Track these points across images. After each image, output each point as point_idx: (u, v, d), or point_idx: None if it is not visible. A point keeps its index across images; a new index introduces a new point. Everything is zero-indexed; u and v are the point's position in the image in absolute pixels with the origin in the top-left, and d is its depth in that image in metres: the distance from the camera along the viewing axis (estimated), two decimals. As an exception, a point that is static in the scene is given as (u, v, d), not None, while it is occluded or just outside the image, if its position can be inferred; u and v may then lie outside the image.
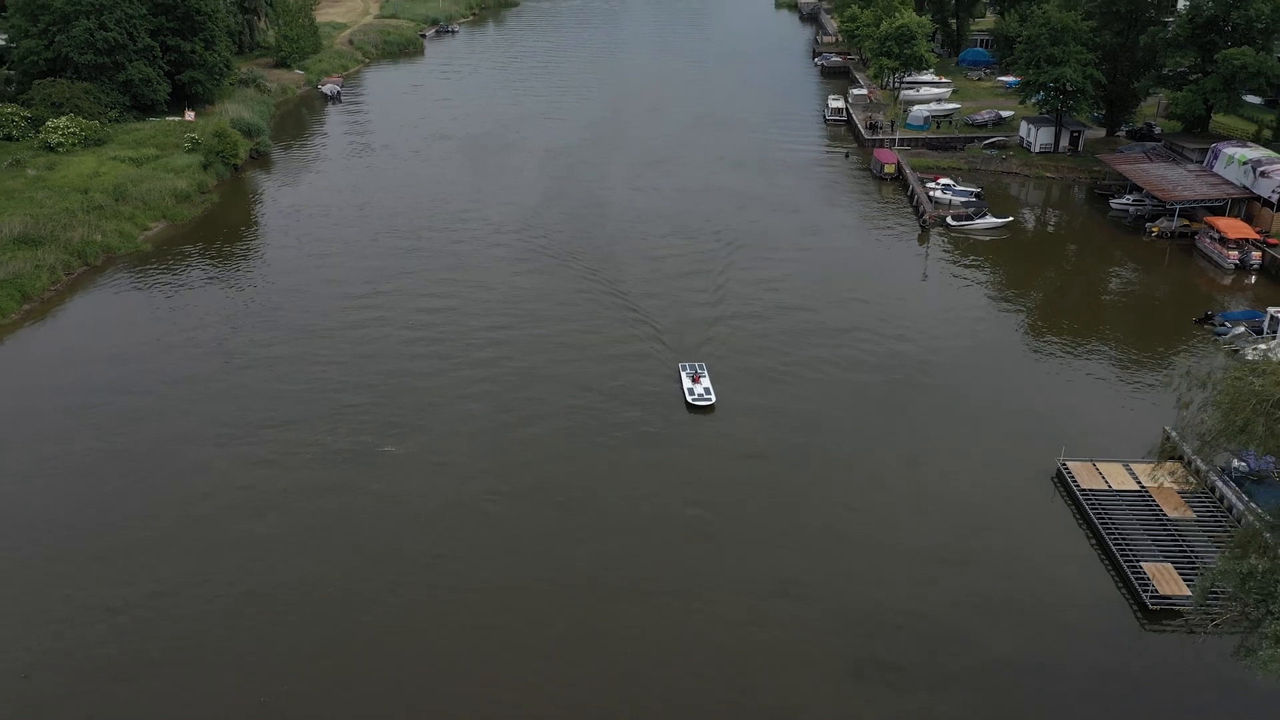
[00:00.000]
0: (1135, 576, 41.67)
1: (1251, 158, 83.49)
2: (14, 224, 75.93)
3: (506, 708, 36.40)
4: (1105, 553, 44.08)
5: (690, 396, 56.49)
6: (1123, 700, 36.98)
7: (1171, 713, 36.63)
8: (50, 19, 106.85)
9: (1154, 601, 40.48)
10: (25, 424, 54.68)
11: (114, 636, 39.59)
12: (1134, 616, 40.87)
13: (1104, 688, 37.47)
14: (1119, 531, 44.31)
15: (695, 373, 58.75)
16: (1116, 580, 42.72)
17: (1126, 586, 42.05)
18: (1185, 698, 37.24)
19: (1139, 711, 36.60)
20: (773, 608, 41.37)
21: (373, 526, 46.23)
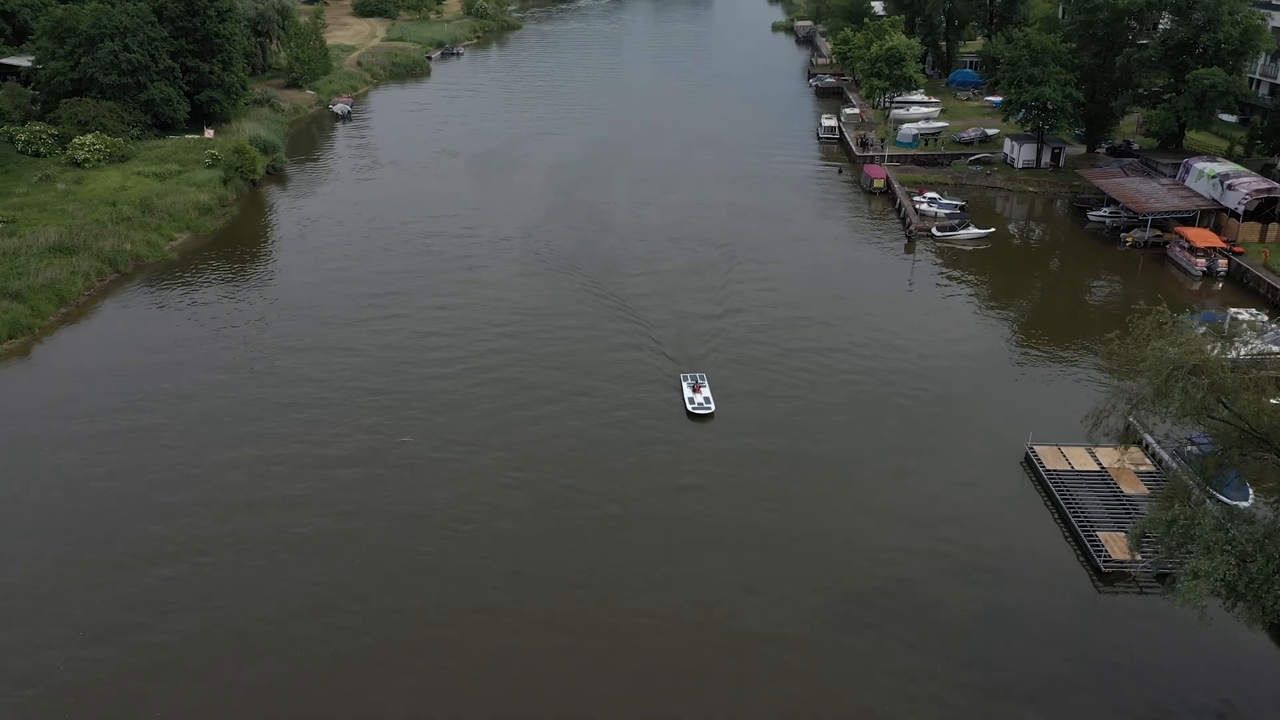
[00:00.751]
0: (1091, 544, 45.82)
1: (1220, 172, 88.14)
2: (49, 234, 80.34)
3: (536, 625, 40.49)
4: (1066, 525, 48.26)
5: (690, 405, 59.35)
6: (1077, 648, 41.01)
7: (1121, 659, 40.59)
8: (76, 41, 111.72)
9: (1107, 565, 44.62)
10: (68, 410, 58.85)
11: (172, 586, 43.67)
12: (1090, 579, 45.00)
13: (1060, 638, 41.54)
14: (1079, 506, 48.48)
15: (696, 383, 61.42)
16: (1075, 549, 46.86)
17: (1084, 553, 46.20)
18: (1133, 646, 41.26)
19: (1092, 658, 40.60)
20: (763, 570, 45.40)
21: (398, 502, 50.39)
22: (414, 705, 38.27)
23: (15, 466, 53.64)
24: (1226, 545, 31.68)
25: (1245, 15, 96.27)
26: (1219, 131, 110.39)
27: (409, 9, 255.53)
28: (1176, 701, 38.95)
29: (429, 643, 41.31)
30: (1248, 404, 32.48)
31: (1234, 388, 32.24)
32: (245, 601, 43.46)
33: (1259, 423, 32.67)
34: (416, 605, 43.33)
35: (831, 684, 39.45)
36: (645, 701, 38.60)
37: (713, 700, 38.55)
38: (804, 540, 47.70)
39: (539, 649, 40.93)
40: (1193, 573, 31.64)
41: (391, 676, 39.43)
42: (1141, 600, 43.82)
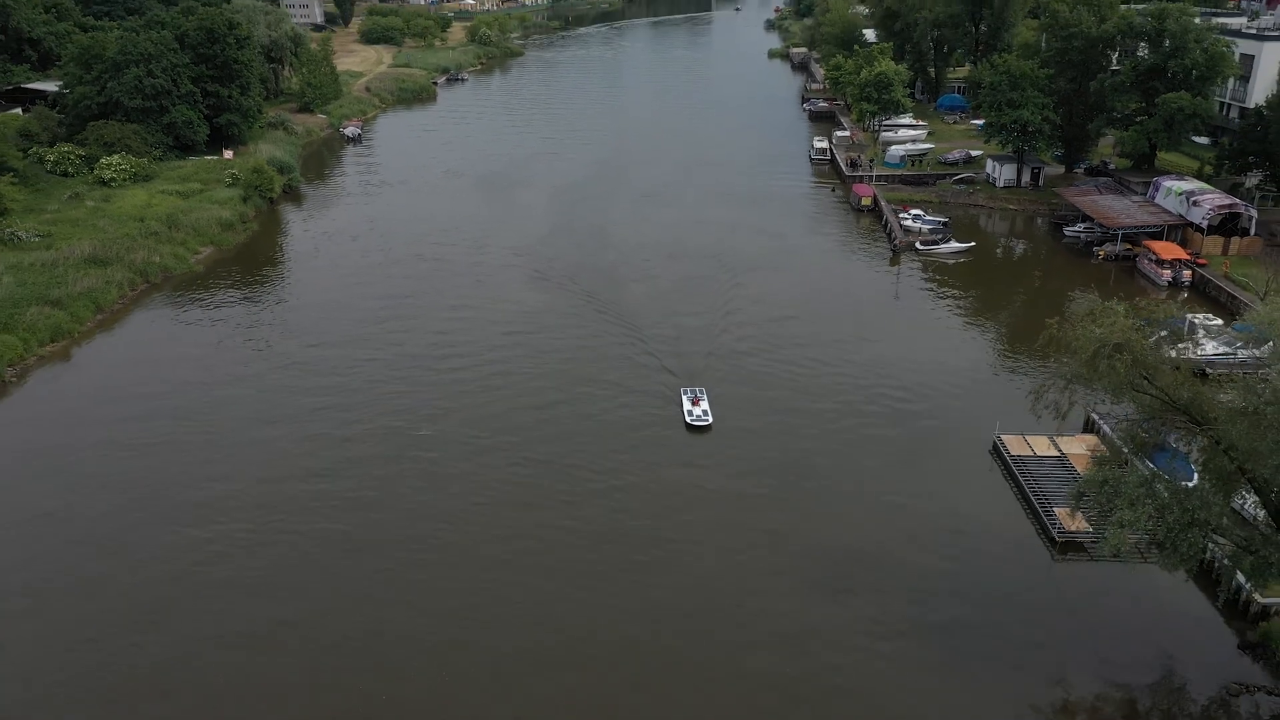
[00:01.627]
0: (1047, 518, 50.50)
1: (1186, 189, 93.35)
2: (84, 247, 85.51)
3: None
4: (1026, 503, 52.97)
5: (689, 418, 61.83)
6: (1033, 609, 45.60)
7: (1072, 619, 45.07)
8: (103, 68, 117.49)
9: (1060, 535, 49.31)
10: (109, 408, 63.68)
11: (230, 552, 48.37)
12: (1045, 548, 49.68)
13: (1019, 600, 46.12)
14: (1038, 486, 53.17)
15: (695, 396, 63.95)
16: (1034, 524, 51.54)
17: (1041, 527, 50.87)
18: (1084, 607, 45.79)
19: (1047, 618, 45.13)
20: (754, 544, 50.04)
21: (422, 480, 55.13)
22: (435, 628, 42.86)
23: (70, 445, 58.38)
24: (1148, 499, 36.44)
25: (1211, 43, 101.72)
26: (1191, 152, 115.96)
27: (414, 36, 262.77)
28: (1123, 655, 43.30)
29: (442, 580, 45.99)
30: (1168, 379, 37.28)
31: (1155, 364, 37.07)
32: (281, 555, 48.13)
33: (1178, 395, 37.43)
34: (435, 559, 48.06)
35: (809, 641, 43.93)
36: (655, 632, 43.18)
37: (714, 641, 43.10)
38: (789, 515, 52.31)
39: (552, 593, 45.50)
40: (1119, 522, 36.41)
41: (404, 596, 44.11)
42: (1092, 567, 48.44)
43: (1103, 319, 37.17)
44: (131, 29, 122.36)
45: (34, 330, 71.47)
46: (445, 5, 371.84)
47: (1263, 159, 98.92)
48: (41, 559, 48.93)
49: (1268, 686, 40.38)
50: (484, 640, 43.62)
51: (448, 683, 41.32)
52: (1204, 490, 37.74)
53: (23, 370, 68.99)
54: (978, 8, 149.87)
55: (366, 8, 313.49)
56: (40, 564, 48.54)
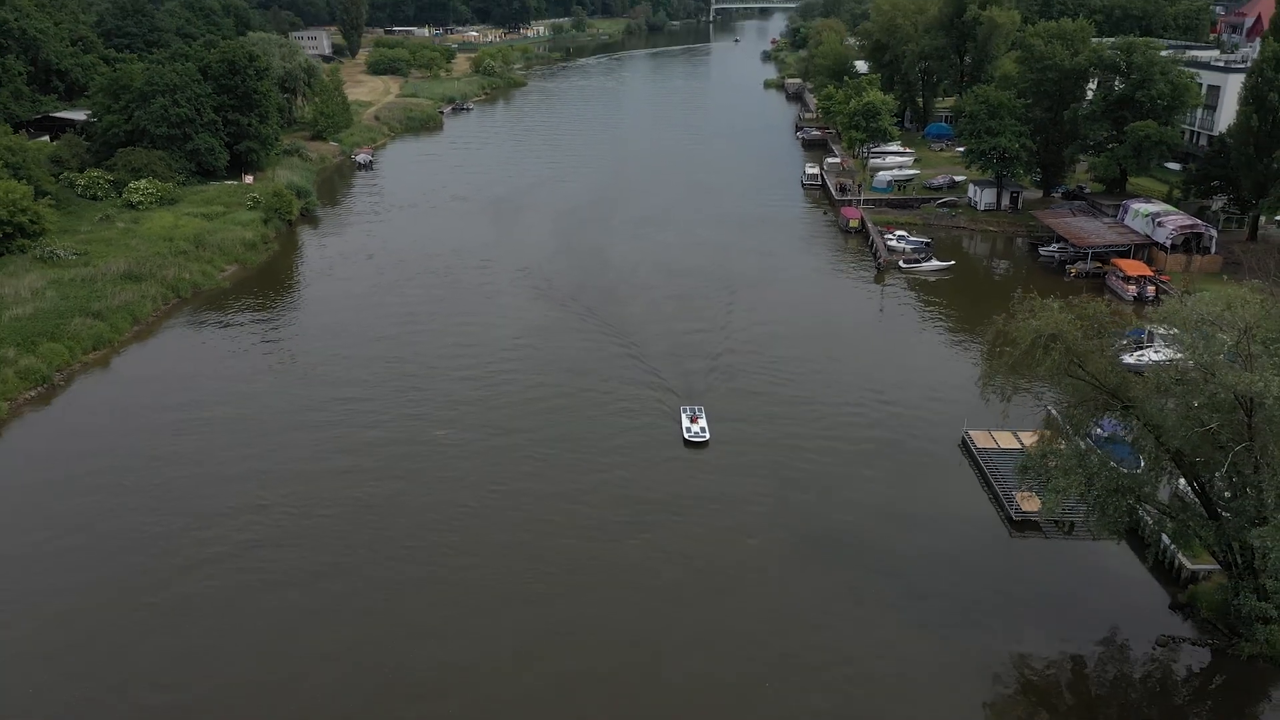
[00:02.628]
0: (1006, 502, 56.00)
1: (1152, 211, 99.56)
2: (119, 264, 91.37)
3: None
4: (989, 490, 58.48)
5: (688, 434, 64.78)
6: (992, 580, 50.97)
7: (1027, 589, 50.41)
8: (130, 97, 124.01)
9: (1017, 515, 54.80)
10: (148, 406, 69.27)
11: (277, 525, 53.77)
12: (1005, 527, 55.17)
13: (979, 571, 51.51)
14: (999, 475, 58.68)
15: (694, 414, 66.78)
16: (996, 507, 57.04)
17: (1001, 509, 56.37)
18: (1037, 579, 51.17)
19: (1004, 588, 50.48)
20: (746, 521, 55.48)
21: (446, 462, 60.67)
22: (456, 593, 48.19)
23: (118, 444, 63.92)
24: (1079, 469, 41.98)
25: (1176, 75, 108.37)
26: (1162, 177, 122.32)
27: (420, 67, 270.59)
28: (1071, 617, 48.49)
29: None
30: (1098, 365, 42.88)
31: (1086, 351, 42.67)
32: (313, 535, 53.54)
33: (1108, 380, 43.03)
34: (455, 541, 53.47)
35: (793, 605, 49.27)
36: (648, 595, 48.52)
37: (705, 608, 48.43)
38: (777, 500, 57.79)
39: (560, 559, 50.87)
40: (1054, 489, 41.97)
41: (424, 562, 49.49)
42: (1045, 543, 53.89)
43: (1040, 313, 42.85)
44: (157, 61, 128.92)
45: (78, 339, 77.10)
46: (449, 37, 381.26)
47: (1226, 183, 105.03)
48: (101, 522, 54.27)
49: (1192, 639, 45.73)
50: (494, 582, 49.07)
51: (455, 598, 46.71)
52: (1130, 461, 43.16)
53: (69, 375, 74.64)
54: (962, 41, 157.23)
55: (373, 39, 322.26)
56: (100, 526, 53.87)
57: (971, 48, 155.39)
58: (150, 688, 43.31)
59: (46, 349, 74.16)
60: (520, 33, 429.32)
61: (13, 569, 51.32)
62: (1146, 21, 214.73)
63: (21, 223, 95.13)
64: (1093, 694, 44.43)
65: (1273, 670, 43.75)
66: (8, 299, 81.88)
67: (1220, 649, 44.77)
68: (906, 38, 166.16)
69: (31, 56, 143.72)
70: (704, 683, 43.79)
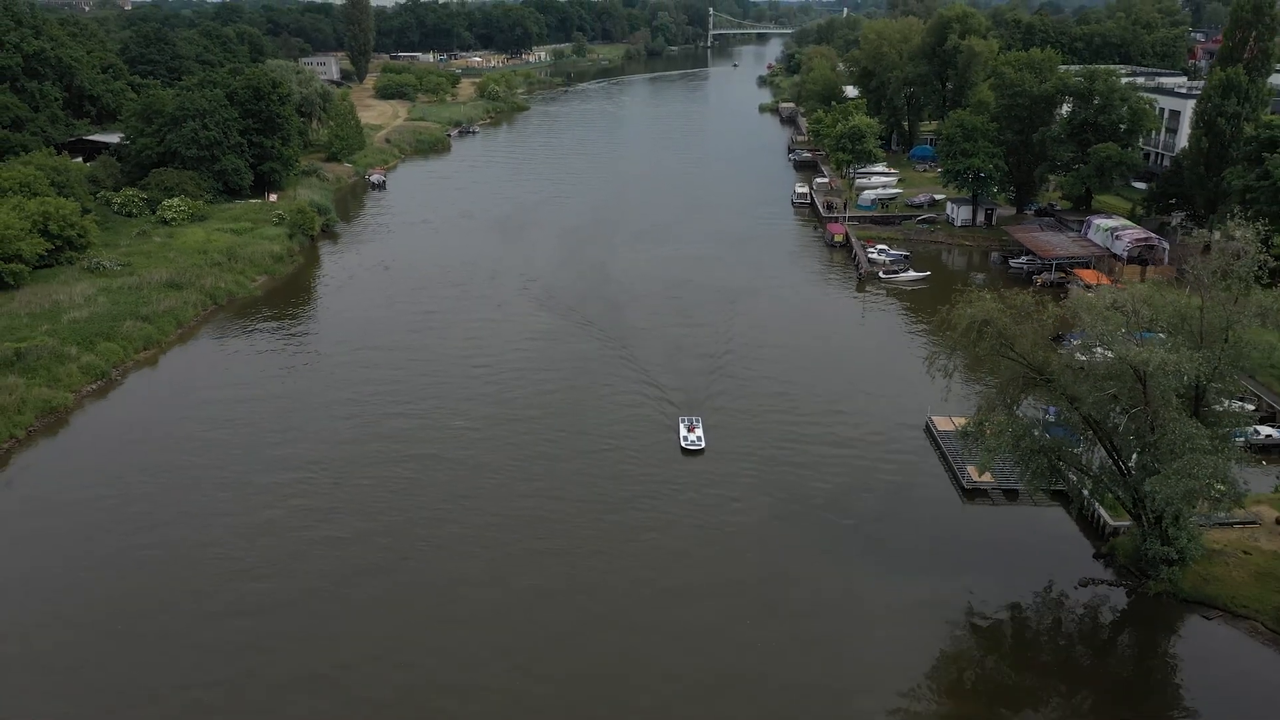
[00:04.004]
0: (960, 473, 63.93)
1: (1111, 226, 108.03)
2: (162, 274, 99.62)
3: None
4: (947, 466, 66.39)
5: (684, 443, 68.96)
6: (946, 535, 58.76)
7: (976, 549, 58.15)
8: (162, 121, 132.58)
9: (969, 484, 62.72)
10: (194, 396, 77.24)
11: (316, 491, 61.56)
12: (957, 495, 63.07)
13: (934, 532, 59.27)
14: (955, 451, 66.54)
15: (691, 424, 71.29)
16: (950, 479, 64.95)
17: (955, 480, 64.27)
18: (985, 540, 59.00)
19: (956, 547, 58.23)
20: (729, 490, 63.31)
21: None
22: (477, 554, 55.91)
23: (173, 429, 71.83)
24: (1009, 431, 49.94)
25: (1135, 100, 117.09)
26: (1128, 195, 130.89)
27: (427, 92, 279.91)
28: (1014, 571, 56.06)
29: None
30: (1025, 345, 50.81)
31: (1014, 334, 50.61)
32: (356, 495, 61.37)
33: (1035, 359, 50.99)
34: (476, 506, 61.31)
35: (776, 554, 57.02)
36: (646, 546, 56.27)
37: (696, 559, 56.18)
38: (759, 474, 65.67)
39: (567, 526, 58.63)
40: (987, 448, 49.94)
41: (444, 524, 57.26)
42: (992, 509, 61.72)
43: (975, 302, 50.90)
44: (187, 88, 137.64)
45: (130, 340, 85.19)
46: (453, 63, 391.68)
47: (1182, 200, 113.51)
48: (164, 493, 62.08)
49: (1109, 580, 53.52)
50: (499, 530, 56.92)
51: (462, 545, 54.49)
52: (1071, 440, 51.10)
53: (124, 371, 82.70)
54: (943, 68, 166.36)
55: (380, 65, 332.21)
56: (164, 495, 61.68)
57: (952, 74, 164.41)
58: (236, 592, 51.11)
59: (104, 348, 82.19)
60: (522, 58, 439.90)
61: (101, 520, 59.14)
62: (1125, 49, 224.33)
63: (70, 236, 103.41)
64: (1030, 629, 52.12)
65: (1175, 604, 51.56)
66: (64, 305, 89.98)
67: (1133, 589, 52.57)
68: (892, 65, 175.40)
69: (66, 83, 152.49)
70: (693, 624, 51.49)
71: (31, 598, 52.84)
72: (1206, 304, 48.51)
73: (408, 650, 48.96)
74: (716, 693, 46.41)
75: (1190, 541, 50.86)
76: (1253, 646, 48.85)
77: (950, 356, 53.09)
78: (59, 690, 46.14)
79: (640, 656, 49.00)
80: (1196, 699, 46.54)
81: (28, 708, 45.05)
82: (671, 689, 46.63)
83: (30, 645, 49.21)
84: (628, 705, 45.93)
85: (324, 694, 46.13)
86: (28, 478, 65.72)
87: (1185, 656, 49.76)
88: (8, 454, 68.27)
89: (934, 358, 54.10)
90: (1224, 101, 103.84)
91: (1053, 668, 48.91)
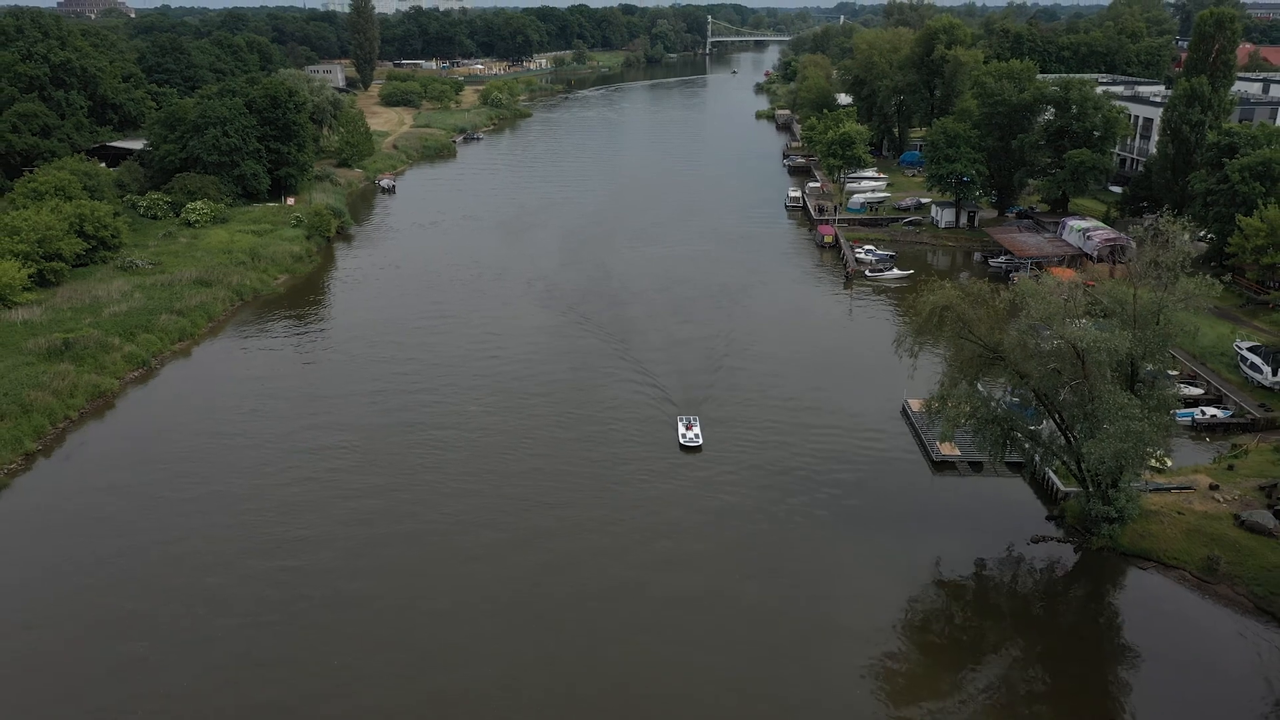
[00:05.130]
0: (931, 448, 70.48)
1: (1083, 227, 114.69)
2: (191, 272, 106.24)
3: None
4: (919, 443, 72.92)
5: (683, 440, 73.09)
6: (916, 505, 65.22)
7: (943, 514, 64.59)
8: (185, 129, 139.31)
9: (937, 458, 69.28)
10: (228, 382, 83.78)
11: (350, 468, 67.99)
12: (927, 467, 69.63)
13: (905, 498, 65.77)
14: (926, 429, 73.08)
15: (689, 422, 75.30)
16: (922, 454, 71.49)
17: (926, 455, 70.83)
18: (951, 506, 65.46)
19: (925, 508, 64.72)
20: (722, 465, 69.81)
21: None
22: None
23: (215, 405, 78.35)
24: (966, 402, 56.50)
25: (1108, 109, 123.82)
26: (1104, 198, 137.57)
27: (431, 99, 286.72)
28: (976, 533, 62.49)
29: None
30: (981, 329, 57.31)
31: (972, 319, 57.14)
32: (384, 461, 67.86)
33: (992, 341, 57.51)
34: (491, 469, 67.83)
35: (759, 521, 63.48)
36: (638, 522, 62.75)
37: (689, 528, 62.63)
38: (751, 455, 72.18)
39: (569, 502, 65.10)
40: (948, 418, 56.52)
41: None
42: (959, 479, 68.22)
43: (936, 290, 57.48)
44: (207, 96, 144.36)
45: (167, 332, 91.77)
46: (456, 70, 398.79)
47: (1152, 203, 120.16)
48: (207, 459, 68.59)
49: (1058, 537, 60.10)
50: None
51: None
52: (1033, 419, 57.70)
53: (162, 360, 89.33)
54: (931, 77, 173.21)
55: (384, 72, 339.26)
56: (208, 461, 68.19)
57: (939, 83, 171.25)
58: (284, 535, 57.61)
59: (143, 339, 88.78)
60: (523, 65, 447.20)
61: (159, 476, 65.68)
62: (1111, 58, 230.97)
63: (104, 237, 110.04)
64: (991, 582, 58.42)
65: (1115, 557, 58.09)
66: (103, 300, 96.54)
67: (1079, 545, 59.12)
68: (882, 74, 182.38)
69: (90, 92, 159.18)
70: (689, 579, 58.02)
71: (144, 520, 59.38)
72: (1139, 290, 55.10)
73: (431, 579, 55.48)
74: (704, 607, 52.94)
75: (1129, 502, 57.42)
76: (1181, 592, 55.36)
77: (915, 338, 59.59)
78: (167, 594, 52.60)
79: (645, 594, 55.64)
80: (1133, 637, 52.90)
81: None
82: (671, 613, 53.08)
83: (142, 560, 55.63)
84: (635, 635, 52.33)
85: (352, 607, 52.64)
86: (84, 452, 72.35)
87: (1123, 602, 56.24)
88: (63, 433, 74.80)
89: (901, 339, 60.61)
90: (1188, 110, 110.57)
91: (1010, 615, 55.25)
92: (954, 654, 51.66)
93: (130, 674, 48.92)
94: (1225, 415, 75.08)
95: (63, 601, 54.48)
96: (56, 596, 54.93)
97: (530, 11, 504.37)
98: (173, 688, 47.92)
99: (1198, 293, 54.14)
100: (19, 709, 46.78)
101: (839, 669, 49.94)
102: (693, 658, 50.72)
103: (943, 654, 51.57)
